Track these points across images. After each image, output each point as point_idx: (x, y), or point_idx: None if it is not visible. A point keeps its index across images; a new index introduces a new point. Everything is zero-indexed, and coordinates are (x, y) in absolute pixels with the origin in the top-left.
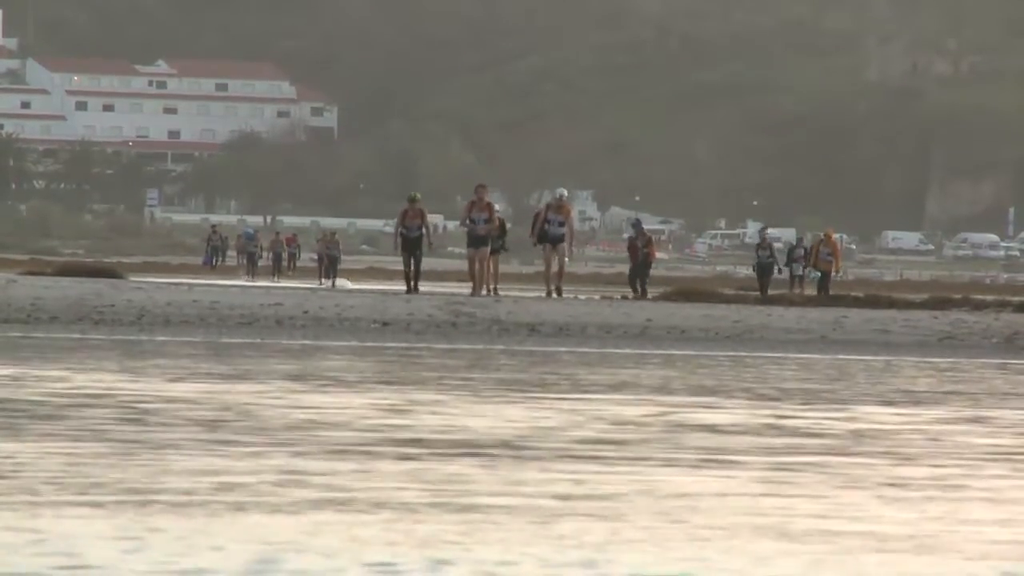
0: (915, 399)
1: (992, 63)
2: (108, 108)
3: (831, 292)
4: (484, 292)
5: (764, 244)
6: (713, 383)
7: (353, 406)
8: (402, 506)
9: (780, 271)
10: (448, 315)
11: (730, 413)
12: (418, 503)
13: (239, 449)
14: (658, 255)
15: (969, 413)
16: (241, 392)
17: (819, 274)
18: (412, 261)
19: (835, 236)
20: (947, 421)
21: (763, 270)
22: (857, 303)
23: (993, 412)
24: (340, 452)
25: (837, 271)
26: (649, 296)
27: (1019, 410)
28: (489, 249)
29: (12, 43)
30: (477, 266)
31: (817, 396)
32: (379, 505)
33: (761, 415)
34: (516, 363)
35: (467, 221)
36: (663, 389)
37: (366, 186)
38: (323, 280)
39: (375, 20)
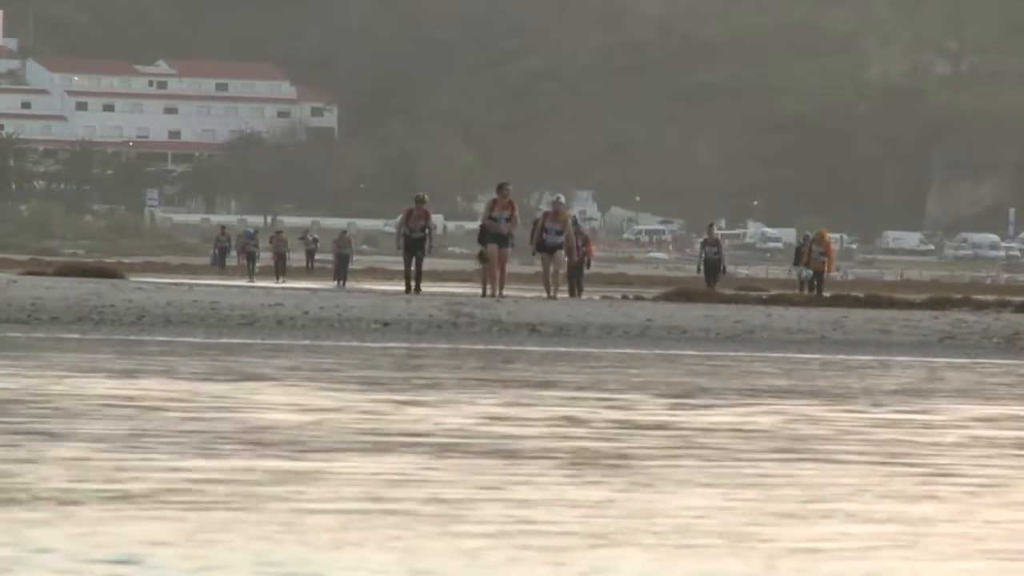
0: (839, 394)
1: (992, 63)
2: (108, 108)
3: (823, 292)
4: (499, 293)
5: (712, 240)
6: (650, 381)
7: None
8: (63, 497)
9: (725, 270)
10: (449, 315)
11: (629, 410)
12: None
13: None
14: (595, 252)
15: (870, 409)
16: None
17: (811, 273)
18: (414, 261)
19: (828, 235)
20: (840, 418)
21: (710, 267)
22: (858, 303)
23: (900, 411)
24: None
25: (830, 270)
26: (582, 296)
27: (926, 408)
28: (509, 249)
29: (12, 43)
30: (497, 268)
31: (744, 392)
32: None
33: (654, 412)
34: (472, 362)
35: (488, 218)
36: (593, 386)
37: (366, 186)
38: (336, 280)
39: (375, 20)
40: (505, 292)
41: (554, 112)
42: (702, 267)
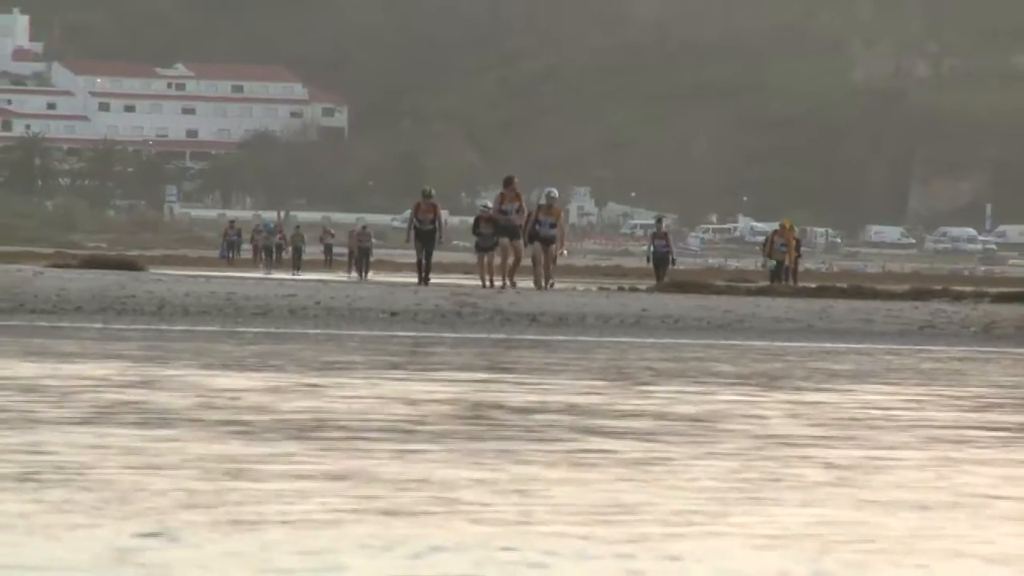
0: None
1: (971, 66)
2: (129, 109)
3: (783, 280)
4: (509, 284)
5: (660, 234)
6: (589, 367)
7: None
8: None
9: (674, 262)
10: (453, 306)
11: (525, 393)
12: None
13: None
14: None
15: (748, 395)
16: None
17: (775, 263)
18: (424, 253)
19: (790, 227)
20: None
21: (659, 260)
22: (842, 294)
23: (773, 395)
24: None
25: (792, 261)
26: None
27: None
28: (521, 241)
29: (38, 47)
30: (511, 259)
31: (661, 378)
32: None
33: (557, 396)
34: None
35: (499, 212)
36: (529, 370)
37: (375, 183)
38: (353, 273)
39: (383, 25)
40: (511, 281)
41: (554, 112)
42: (651, 260)
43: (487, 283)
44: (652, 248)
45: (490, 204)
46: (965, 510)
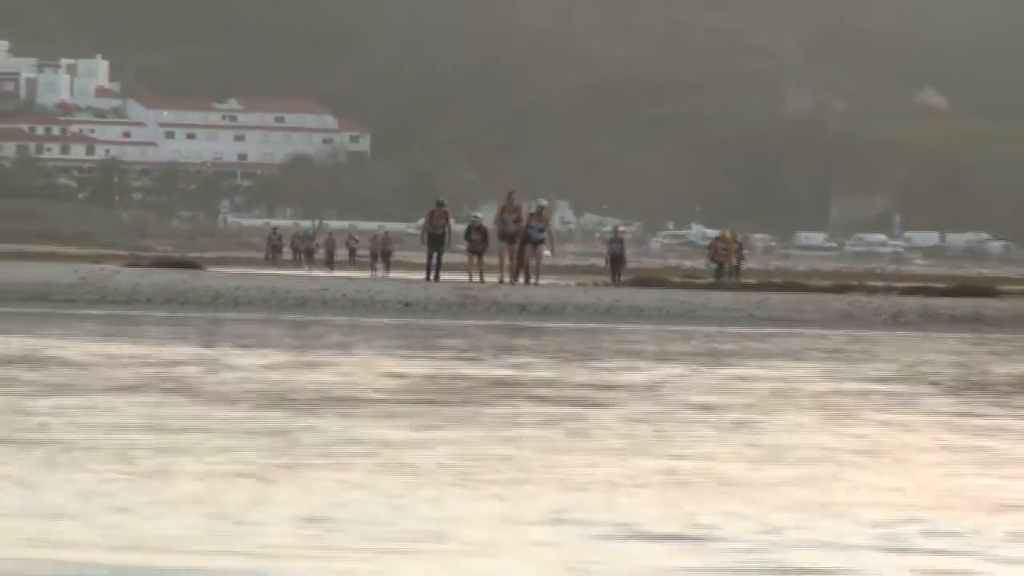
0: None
1: (881, 102)
2: (191, 137)
3: (725, 278)
4: (509, 280)
5: (616, 238)
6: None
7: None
8: None
9: (625, 262)
10: (457, 298)
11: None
12: None
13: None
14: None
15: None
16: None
17: (716, 266)
18: (435, 254)
19: (728, 234)
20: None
21: (615, 260)
22: (777, 288)
23: (708, 370)
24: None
25: (731, 263)
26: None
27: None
28: (517, 245)
29: (116, 86)
30: (507, 259)
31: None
32: None
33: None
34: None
35: (499, 221)
36: (505, 350)
37: (392, 198)
38: (377, 272)
39: (400, 67)
40: (511, 278)
41: (540, 138)
42: (608, 261)
43: (473, 279)
44: (610, 250)
45: (480, 215)
46: (814, 462)
